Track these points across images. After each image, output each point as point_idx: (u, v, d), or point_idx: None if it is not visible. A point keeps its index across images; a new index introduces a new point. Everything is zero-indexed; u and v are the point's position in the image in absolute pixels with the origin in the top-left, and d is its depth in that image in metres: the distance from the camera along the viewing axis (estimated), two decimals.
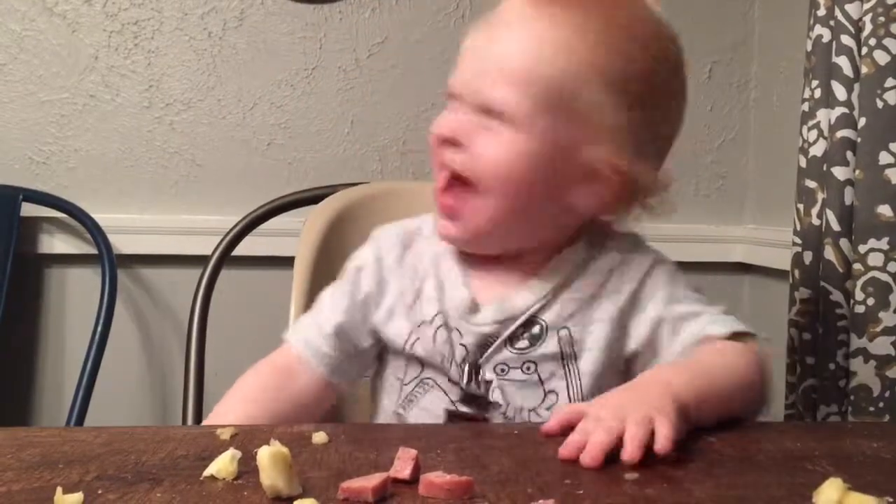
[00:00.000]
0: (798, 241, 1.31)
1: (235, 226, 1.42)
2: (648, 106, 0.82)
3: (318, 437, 0.66)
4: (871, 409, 1.17)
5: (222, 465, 0.57)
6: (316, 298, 0.94)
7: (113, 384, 1.61)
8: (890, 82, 1.16)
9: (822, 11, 1.25)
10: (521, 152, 0.79)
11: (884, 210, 1.16)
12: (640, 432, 0.62)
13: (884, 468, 0.63)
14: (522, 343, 0.84)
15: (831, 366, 1.23)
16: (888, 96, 1.16)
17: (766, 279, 1.77)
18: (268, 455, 0.53)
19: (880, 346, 1.16)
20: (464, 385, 0.84)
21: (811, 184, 1.28)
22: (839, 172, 1.21)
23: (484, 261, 0.87)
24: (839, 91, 1.21)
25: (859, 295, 1.17)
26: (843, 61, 1.21)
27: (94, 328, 1.52)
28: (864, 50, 1.17)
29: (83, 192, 1.66)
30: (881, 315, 1.16)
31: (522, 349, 0.84)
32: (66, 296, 1.69)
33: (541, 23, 0.79)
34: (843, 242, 1.22)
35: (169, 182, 1.70)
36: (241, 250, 1.43)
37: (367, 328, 0.89)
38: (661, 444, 0.62)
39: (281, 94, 1.71)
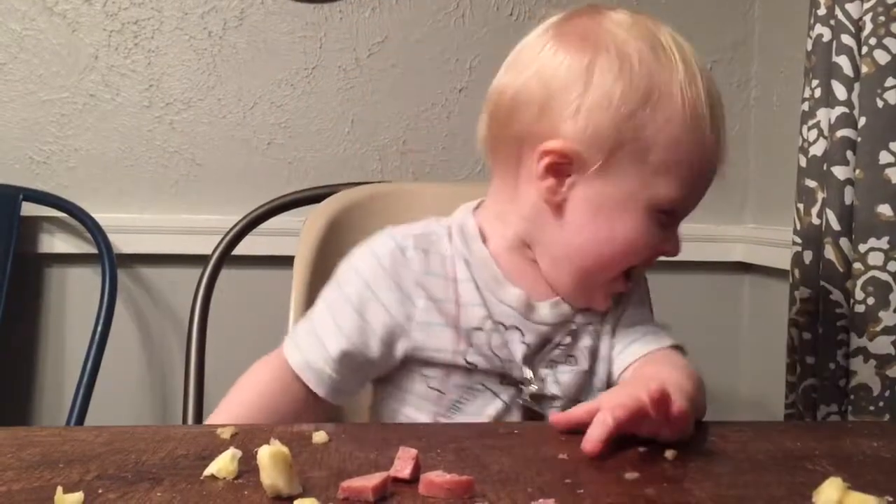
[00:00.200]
0: (798, 240, 1.31)
1: (235, 225, 1.41)
2: None
3: (319, 437, 0.66)
4: (871, 408, 1.17)
5: (223, 464, 0.57)
6: (314, 300, 0.91)
7: (113, 384, 1.61)
8: (890, 82, 1.16)
9: (822, 11, 1.25)
10: None
11: (884, 209, 1.16)
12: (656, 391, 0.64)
13: (884, 467, 0.63)
14: (567, 339, 0.87)
15: (831, 365, 1.23)
16: (888, 96, 1.16)
17: (766, 279, 1.77)
18: (268, 454, 0.53)
19: (880, 346, 1.16)
20: (531, 381, 0.85)
21: (811, 183, 1.28)
22: (839, 172, 1.21)
23: (521, 262, 0.87)
24: (839, 90, 1.21)
25: (859, 294, 1.17)
26: (843, 61, 1.21)
27: (94, 327, 1.52)
28: (865, 49, 1.17)
29: (83, 191, 1.66)
30: (881, 314, 1.16)
31: (567, 345, 0.87)
32: (67, 295, 1.69)
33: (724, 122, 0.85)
34: (844, 242, 1.22)
35: (169, 181, 1.70)
36: (241, 250, 1.43)
37: (381, 348, 0.84)
38: (678, 406, 0.64)
39: (281, 93, 1.71)
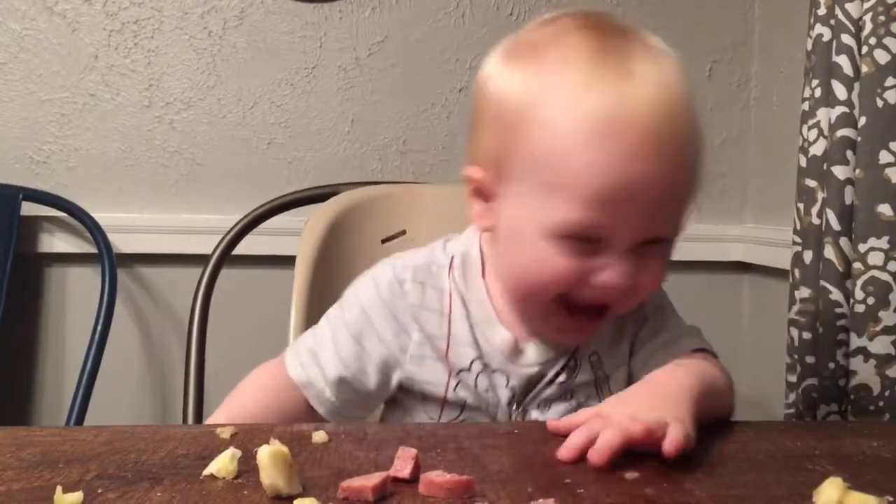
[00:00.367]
0: (798, 240, 1.31)
1: (236, 225, 1.41)
2: None
3: (318, 437, 0.66)
4: (871, 408, 1.17)
5: (222, 464, 0.57)
6: (316, 301, 0.91)
7: (113, 383, 1.61)
8: (890, 81, 1.16)
9: (822, 10, 1.25)
10: (671, 256, 0.78)
11: (884, 209, 1.16)
12: (645, 435, 0.61)
13: (884, 467, 0.63)
14: (563, 376, 0.83)
15: (831, 365, 1.23)
16: (888, 95, 1.16)
17: (765, 278, 1.77)
18: (268, 454, 0.53)
19: (880, 346, 1.16)
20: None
21: (811, 183, 1.28)
22: (839, 171, 1.21)
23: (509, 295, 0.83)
24: (839, 90, 1.21)
25: (859, 294, 1.17)
26: (843, 60, 1.21)
27: (94, 327, 1.52)
28: (865, 49, 1.17)
29: (83, 191, 1.66)
30: (881, 314, 1.16)
31: (563, 382, 0.83)
32: (67, 295, 1.69)
33: (693, 137, 0.73)
34: (843, 241, 1.22)
35: (169, 181, 1.70)
36: (241, 249, 1.43)
37: (378, 376, 0.83)
38: (673, 447, 0.60)
39: (281, 93, 1.71)
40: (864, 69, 1.17)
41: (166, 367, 1.73)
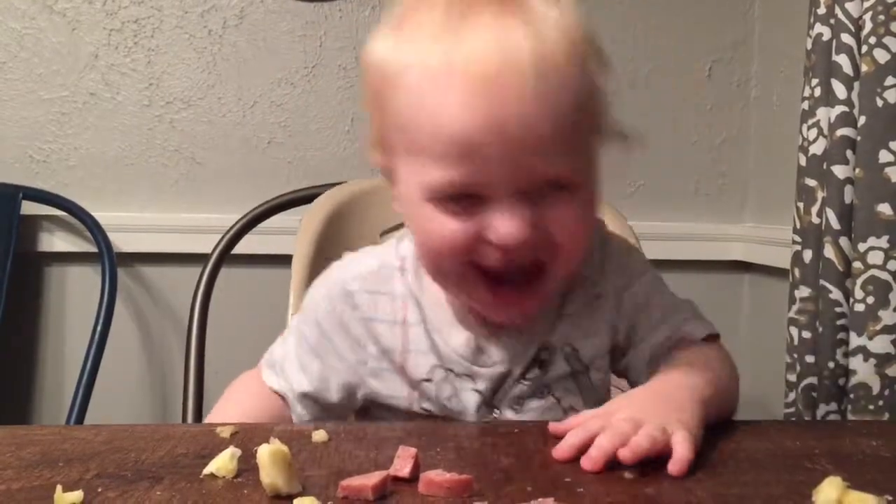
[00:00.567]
0: (798, 239, 1.31)
1: (235, 224, 1.42)
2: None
3: (318, 436, 0.66)
4: (871, 407, 1.17)
5: (222, 463, 0.57)
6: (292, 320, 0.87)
7: (113, 382, 1.61)
8: (890, 81, 1.16)
9: (822, 10, 1.25)
10: (594, 204, 0.73)
11: (883, 208, 1.16)
12: (647, 443, 0.60)
13: (883, 466, 0.63)
14: (533, 372, 0.80)
15: (831, 364, 1.23)
16: (888, 95, 1.15)
17: (765, 278, 1.77)
18: (268, 453, 0.53)
19: (880, 345, 1.16)
20: None
21: (811, 182, 1.28)
22: (839, 171, 1.21)
23: None
24: (839, 89, 1.21)
25: (859, 293, 1.17)
26: (843, 60, 1.21)
27: (94, 326, 1.52)
28: (864, 48, 1.17)
29: (83, 190, 1.66)
30: (881, 313, 1.16)
31: (534, 378, 0.80)
32: (67, 294, 1.69)
33: (555, 60, 0.66)
34: (843, 241, 1.22)
35: (169, 180, 1.70)
36: (240, 248, 1.43)
37: (341, 392, 0.81)
38: (678, 467, 0.59)
39: (281, 92, 1.71)
40: (863, 68, 1.17)
41: (166, 366, 1.73)
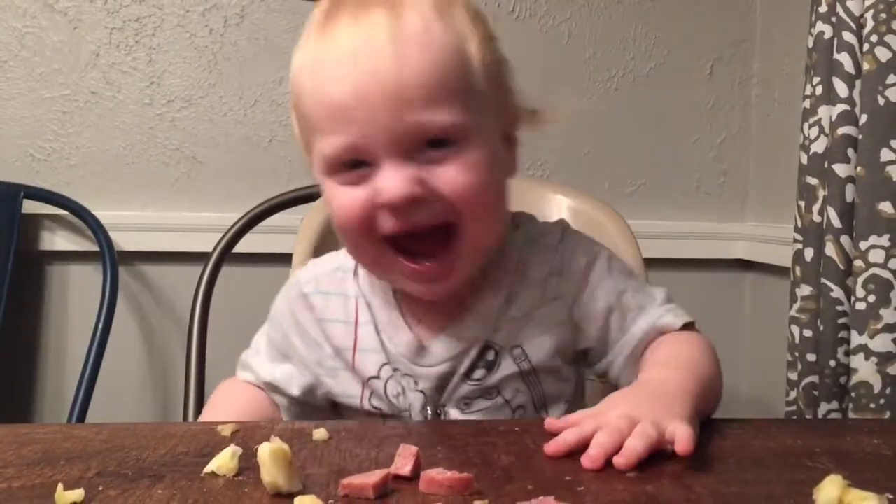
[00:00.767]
0: (799, 237, 1.31)
1: (236, 223, 1.42)
2: (496, 53, 0.79)
3: (319, 434, 0.66)
4: (872, 405, 1.17)
5: (223, 461, 0.57)
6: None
7: (114, 381, 1.61)
8: (891, 79, 1.15)
9: (823, 8, 1.25)
10: (486, 162, 0.74)
11: (885, 207, 1.16)
12: (643, 444, 0.60)
13: (884, 465, 0.63)
14: (479, 373, 0.80)
15: (832, 363, 1.23)
16: (889, 93, 1.15)
17: (766, 276, 1.77)
18: (268, 452, 0.53)
19: (881, 343, 1.16)
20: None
21: (812, 181, 1.28)
22: (840, 169, 1.21)
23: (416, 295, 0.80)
24: (840, 88, 1.21)
25: (860, 292, 1.17)
26: (844, 58, 1.21)
27: (95, 325, 1.52)
28: (866, 46, 1.17)
29: (84, 189, 1.66)
30: (882, 312, 1.16)
31: (481, 379, 0.80)
32: (68, 293, 1.69)
33: (413, 15, 0.72)
34: (844, 239, 1.22)
35: (170, 179, 1.70)
36: (241, 247, 1.43)
37: (303, 390, 0.85)
38: (684, 446, 0.60)
39: (282, 91, 1.71)
40: (865, 67, 1.17)
41: (167, 365, 1.73)
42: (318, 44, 0.74)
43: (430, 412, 0.80)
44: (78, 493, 0.52)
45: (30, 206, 1.62)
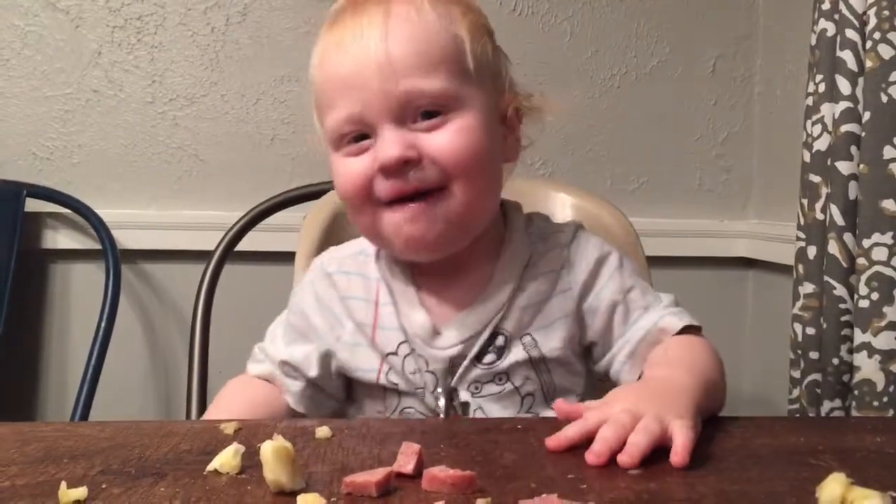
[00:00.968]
0: (802, 235, 1.31)
1: (239, 221, 1.42)
2: (489, 39, 0.85)
3: (322, 432, 0.66)
4: (875, 403, 1.17)
5: (226, 459, 0.58)
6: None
7: (117, 379, 1.61)
8: (894, 76, 1.15)
9: (826, 5, 1.25)
10: (476, 130, 0.79)
11: (888, 204, 1.16)
12: (646, 440, 0.61)
13: (887, 463, 0.63)
14: (490, 357, 0.84)
15: (835, 361, 1.23)
16: (893, 90, 1.15)
17: (769, 274, 1.77)
18: (271, 450, 0.53)
19: (884, 341, 1.16)
20: (441, 412, 0.83)
21: (815, 178, 1.28)
22: (843, 167, 1.21)
23: (433, 280, 0.86)
24: (843, 85, 1.21)
25: (863, 290, 1.17)
26: (847, 55, 1.20)
27: (98, 323, 1.52)
28: (869, 44, 1.17)
29: (87, 187, 1.66)
30: (885, 310, 1.16)
31: (491, 363, 0.83)
32: (71, 291, 1.69)
33: (407, 5, 0.79)
34: (847, 237, 1.22)
35: (172, 177, 1.70)
36: (244, 245, 1.43)
37: (320, 365, 0.87)
38: (680, 458, 0.60)
39: (284, 89, 1.71)
40: (868, 64, 1.17)
41: (170, 363, 1.73)
42: (326, 36, 0.82)
43: (441, 392, 0.83)
44: (81, 491, 0.52)
45: (32, 205, 1.62)
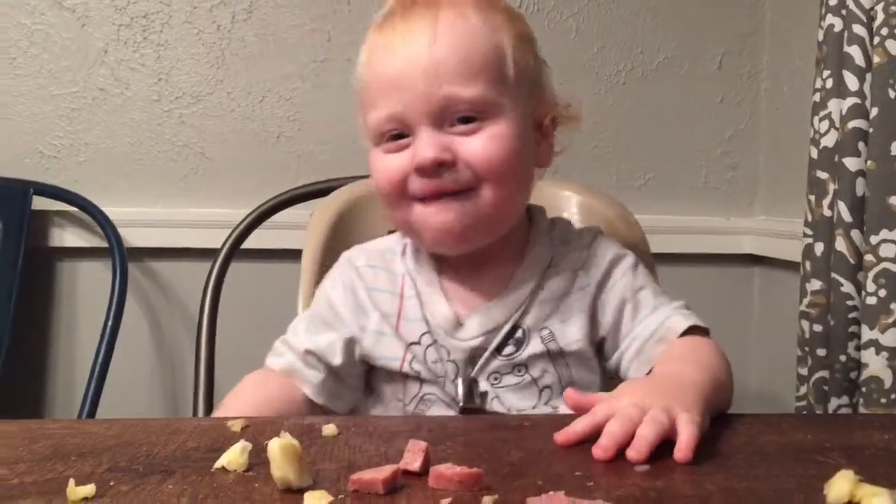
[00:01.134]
0: (809, 232, 1.31)
1: (245, 219, 1.42)
2: (531, 49, 0.89)
3: (329, 430, 0.66)
4: (883, 400, 1.17)
5: (233, 456, 0.58)
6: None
7: (124, 376, 1.62)
8: None
9: (833, 1, 1.24)
10: (510, 137, 0.82)
11: (895, 201, 1.16)
12: (653, 432, 0.61)
13: (895, 460, 0.63)
14: (509, 349, 0.87)
15: (842, 357, 1.23)
16: None
17: (776, 271, 1.76)
18: (278, 447, 0.53)
19: (892, 338, 1.16)
20: (461, 401, 0.85)
21: (822, 175, 1.27)
22: (850, 163, 1.21)
23: (459, 274, 0.89)
24: (851, 81, 1.21)
25: (871, 286, 1.17)
26: (854, 51, 1.20)
27: (104, 321, 1.52)
28: (877, 39, 1.16)
29: (93, 185, 1.66)
30: (893, 307, 1.16)
31: (510, 355, 0.86)
32: (77, 289, 1.70)
33: (455, 12, 0.83)
34: (855, 233, 1.21)
35: (179, 175, 1.70)
36: (250, 243, 1.43)
37: (344, 353, 0.89)
38: (683, 454, 0.60)
39: (290, 86, 1.71)
40: (875, 60, 1.17)
41: (176, 360, 1.73)
42: (375, 38, 0.86)
43: (461, 382, 0.86)
44: (89, 489, 0.52)
45: (39, 203, 1.63)
